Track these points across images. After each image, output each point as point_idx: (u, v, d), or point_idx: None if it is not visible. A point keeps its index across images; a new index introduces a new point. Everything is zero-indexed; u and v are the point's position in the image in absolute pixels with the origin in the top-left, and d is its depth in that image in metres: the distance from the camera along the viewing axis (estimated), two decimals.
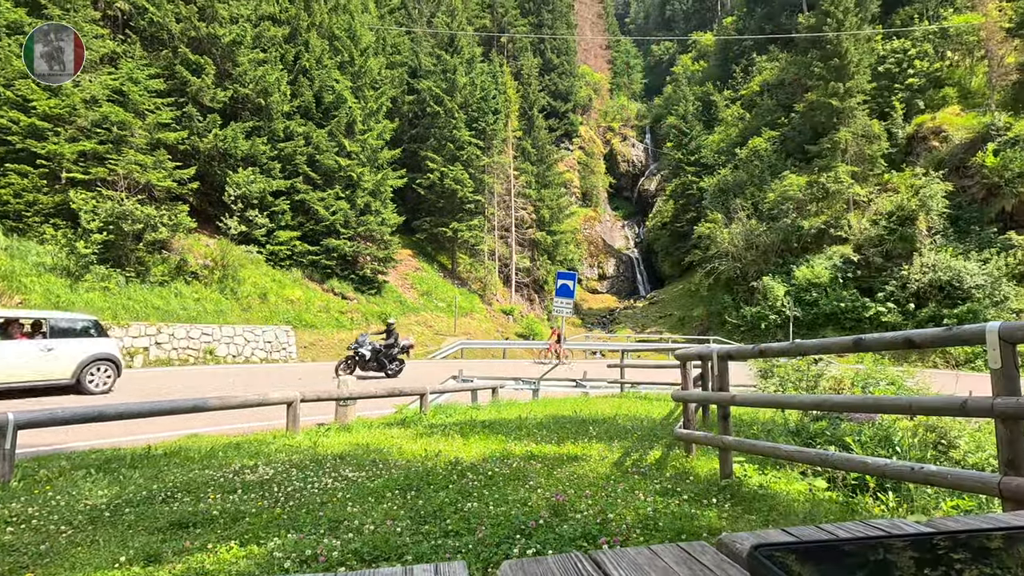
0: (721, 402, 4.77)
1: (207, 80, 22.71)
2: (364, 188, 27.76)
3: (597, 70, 71.46)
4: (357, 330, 24.41)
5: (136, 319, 17.05)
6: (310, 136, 26.09)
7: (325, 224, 26.17)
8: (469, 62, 37.77)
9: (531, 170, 43.20)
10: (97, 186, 18.58)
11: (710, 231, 36.28)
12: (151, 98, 20.26)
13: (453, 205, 34.79)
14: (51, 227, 17.63)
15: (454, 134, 34.57)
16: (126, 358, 16.08)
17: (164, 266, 19.81)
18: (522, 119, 45.66)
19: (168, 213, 19.37)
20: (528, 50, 52.16)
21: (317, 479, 4.83)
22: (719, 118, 48.37)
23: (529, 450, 6.09)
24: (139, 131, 19.50)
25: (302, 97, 26.57)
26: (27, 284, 15.70)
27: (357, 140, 27.98)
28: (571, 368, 18.17)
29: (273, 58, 25.58)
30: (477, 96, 36.83)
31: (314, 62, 27.29)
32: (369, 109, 29.49)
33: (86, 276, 17.04)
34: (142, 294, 18.33)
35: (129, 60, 20.40)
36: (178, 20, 22.45)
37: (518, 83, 48.10)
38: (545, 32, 55.06)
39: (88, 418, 5.65)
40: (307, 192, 25.74)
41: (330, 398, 8.58)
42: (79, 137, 18.59)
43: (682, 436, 5.38)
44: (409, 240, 35.01)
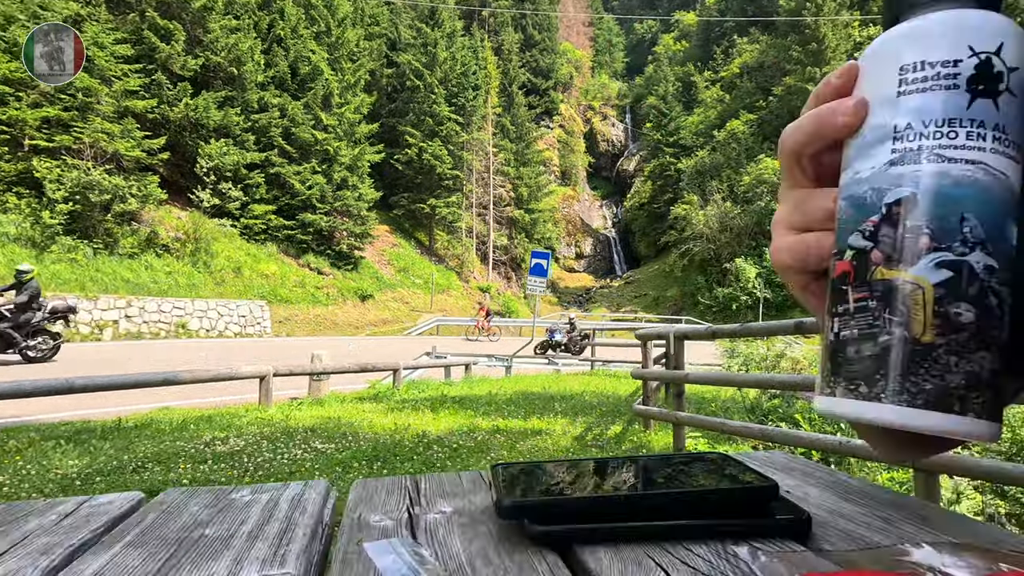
0: (675, 380, 5.02)
1: (177, 47, 22.03)
2: (341, 163, 27.41)
3: (579, 47, 70.86)
4: (333, 305, 24.36)
5: (105, 292, 16.77)
6: (285, 108, 25.58)
7: (301, 198, 25.84)
8: (450, 36, 37.17)
9: (510, 147, 43.00)
10: (62, 154, 18.04)
11: (686, 212, 36.73)
12: (118, 64, 19.62)
13: (431, 181, 34.56)
14: (14, 196, 17.13)
15: (433, 109, 34.17)
16: (95, 331, 15.88)
17: (134, 238, 19.44)
18: (502, 96, 45.24)
19: (137, 184, 18.95)
20: (509, 25, 51.47)
21: (287, 450, 4.97)
22: (699, 99, 48.55)
23: (495, 424, 6.30)
24: (106, 98, 18.92)
25: (277, 67, 25.95)
26: None
27: (334, 113, 27.51)
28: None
29: (246, 26, 24.85)
30: (457, 71, 36.35)
31: (289, 31, 26.61)
32: (347, 82, 28.95)
33: (52, 247, 16.66)
34: (111, 266, 18.00)
35: (94, 23, 19.65)
36: None
37: (498, 59, 47.52)
38: (527, 7, 54.28)
39: (56, 390, 5.68)
40: (282, 166, 25.32)
41: (303, 372, 8.67)
42: (42, 103, 17.97)
43: (640, 412, 5.63)
44: (386, 216, 34.76)
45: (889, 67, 0.32)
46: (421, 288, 31.04)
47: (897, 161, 0.31)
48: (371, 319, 25.69)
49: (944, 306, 0.29)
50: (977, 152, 0.30)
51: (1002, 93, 0.30)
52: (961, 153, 0.30)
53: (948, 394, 0.29)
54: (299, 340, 19.11)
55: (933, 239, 0.30)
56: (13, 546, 0.39)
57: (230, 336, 19.22)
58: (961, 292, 0.29)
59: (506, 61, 46.88)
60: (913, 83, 0.31)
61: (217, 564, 0.37)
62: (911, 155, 0.31)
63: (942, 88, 0.31)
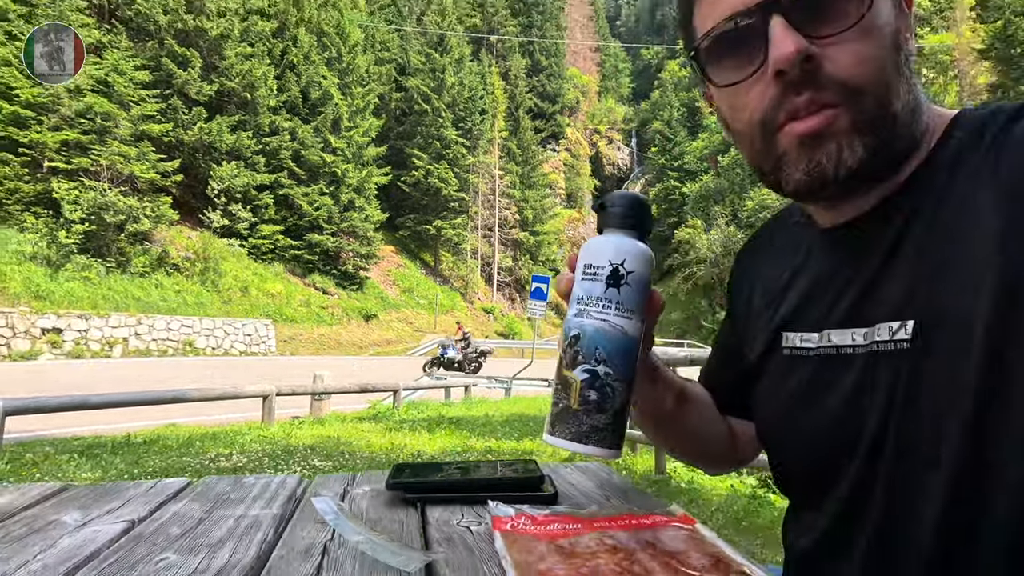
0: None
1: (193, 73, 22.83)
2: (348, 184, 28.04)
3: (586, 72, 72.09)
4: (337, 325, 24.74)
5: (116, 309, 17.23)
6: (296, 131, 26.31)
7: (308, 219, 26.42)
8: (458, 61, 38.12)
9: (516, 170, 43.69)
10: (79, 176, 18.68)
11: (690, 236, 37.10)
12: (136, 89, 20.37)
13: (437, 203, 35.16)
14: (32, 215, 17.71)
15: (440, 132, 34.93)
16: (105, 348, 16.30)
17: (145, 257, 19.97)
18: (508, 119, 46.10)
19: (151, 205, 19.54)
20: (517, 51, 52.57)
21: (287, 467, 5.26)
22: (704, 125, 49.25)
23: (488, 445, 6.57)
24: (123, 122, 19.62)
25: (289, 92, 26.76)
26: (6, 272, 15.82)
27: (343, 136, 28.23)
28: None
29: (260, 52, 25.73)
30: (464, 96, 37.21)
31: (302, 57, 27.48)
32: (356, 106, 29.74)
33: (66, 265, 17.19)
34: (123, 285, 18.49)
35: (115, 51, 20.47)
36: (165, 12, 22.54)
37: (506, 83, 48.51)
38: (535, 33, 55.50)
39: (72, 406, 6.02)
40: (291, 187, 25.96)
41: (305, 392, 8.98)
42: (62, 126, 18.66)
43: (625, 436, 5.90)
44: (392, 237, 35.31)
45: (581, 261, 0.60)
46: (425, 308, 31.40)
47: (578, 314, 0.58)
48: (375, 339, 26.03)
49: (584, 391, 0.55)
50: (607, 315, 0.56)
51: (623, 285, 0.57)
52: (601, 315, 0.56)
53: (583, 434, 0.55)
54: (303, 359, 19.44)
55: (583, 358, 0.56)
56: (129, 501, 0.72)
57: (235, 354, 19.59)
58: (593, 384, 0.55)
59: (513, 86, 47.85)
60: (586, 273, 0.58)
61: (238, 508, 0.68)
62: (580, 312, 0.58)
63: (595, 279, 0.58)
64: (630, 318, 0.57)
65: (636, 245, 0.58)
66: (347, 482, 0.81)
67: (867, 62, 0.54)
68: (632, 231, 0.60)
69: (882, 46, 0.54)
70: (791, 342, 0.67)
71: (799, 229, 0.72)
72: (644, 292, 0.58)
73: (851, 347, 0.60)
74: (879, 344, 0.57)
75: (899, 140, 0.57)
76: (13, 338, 14.58)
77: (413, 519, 0.64)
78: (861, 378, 0.59)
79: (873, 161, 0.55)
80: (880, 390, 0.57)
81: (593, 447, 0.55)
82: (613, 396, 0.56)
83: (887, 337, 0.57)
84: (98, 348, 16.14)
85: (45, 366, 13.85)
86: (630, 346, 0.57)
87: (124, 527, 0.61)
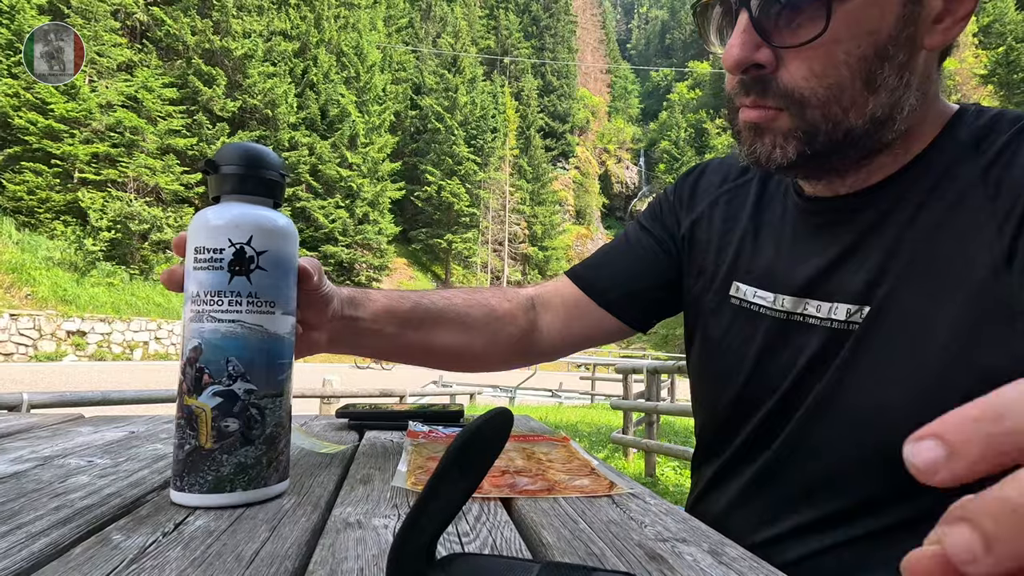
0: (647, 410, 5.40)
1: (218, 90, 23.44)
2: (363, 198, 28.47)
3: (596, 93, 72.75)
4: None
5: (138, 314, 17.59)
6: (314, 147, 26.83)
7: (324, 231, 26.82)
8: (471, 82, 38.71)
9: (526, 187, 44.05)
10: (107, 187, 19.20)
11: None
12: (164, 105, 20.97)
13: (449, 217, 35.53)
14: (61, 223, 18.22)
15: (453, 150, 35.39)
16: (126, 351, 16.62)
17: (167, 265, 20.32)
18: (520, 138, 46.58)
19: (174, 215, 20.00)
20: (529, 72, 53.25)
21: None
22: (710, 145, 49.42)
23: None
24: (150, 136, 20.17)
25: (308, 109, 27.34)
26: (36, 277, 16.25)
27: (359, 152, 28.72)
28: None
29: (282, 71, 26.36)
30: (477, 115, 37.72)
31: (321, 76, 28.10)
32: (372, 123, 30.27)
33: (92, 271, 17.61)
34: (145, 291, 18.88)
35: (145, 69, 21.12)
36: (193, 33, 23.22)
37: (518, 103, 49.08)
38: (547, 55, 56.23)
39: (93, 401, 6.21)
40: (308, 200, 26.42)
41: (313, 395, 9.13)
42: (93, 140, 19.23)
43: (616, 440, 6.00)
44: (405, 249, 35.67)
45: (191, 244, 0.45)
46: None
47: (195, 317, 0.43)
48: None
49: (217, 422, 0.42)
50: (236, 313, 0.43)
51: (254, 270, 0.43)
52: (226, 315, 0.43)
53: (226, 479, 0.42)
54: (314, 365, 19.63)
55: (211, 376, 0.42)
56: (132, 422, 0.87)
57: None
58: (230, 411, 0.42)
59: (525, 105, 48.41)
60: (199, 261, 0.44)
61: None
62: (199, 315, 0.43)
63: (213, 268, 0.43)
64: (271, 311, 0.45)
65: (266, 215, 0.46)
66: (308, 419, 0.96)
67: (818, 78, 0.53)
68: (258, 197, 0.47)
69: (840, 63, 0.53)
70: (742, 293, 0.68)
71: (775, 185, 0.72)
72: (287, 275, 0.47)
73: (807, 315, 0.61)
74: (834, 321, 0.59)
75: (853, 144, 0.56)
76: (40, 339, 14.94)
77: (352, 436, 0.80)
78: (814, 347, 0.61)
79: (808, 162, 0.56)
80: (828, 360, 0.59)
81: (245, 491, 0.43)
82: (263, 420, 0.44)
83: (843, 317, 0.59)
84: (120, 351, 16.47)
85: (69, 367, 14.16)
86: (277, 348, 0.45)
87: (126, 434, 0.77)
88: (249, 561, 0.35)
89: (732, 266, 0.71)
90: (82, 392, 6.41)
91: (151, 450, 0.67)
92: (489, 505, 0.48)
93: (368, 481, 0.55)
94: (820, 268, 0.61)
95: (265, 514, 0.43)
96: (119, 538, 0.38)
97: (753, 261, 0.69)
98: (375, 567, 0.34)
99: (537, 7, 57.27)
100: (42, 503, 0.45)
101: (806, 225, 0.65)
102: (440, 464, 0.25)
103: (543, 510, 0.48)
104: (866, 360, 0.57)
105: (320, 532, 0.40)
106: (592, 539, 0.41)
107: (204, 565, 0.34)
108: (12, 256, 16.32)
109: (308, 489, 0.51)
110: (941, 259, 0.54)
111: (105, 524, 0.40)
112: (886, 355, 0.56)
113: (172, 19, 22.65)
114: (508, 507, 0.49)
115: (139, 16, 22.68)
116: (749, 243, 0.70)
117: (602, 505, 0.49)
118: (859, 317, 0.57)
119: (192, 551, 0.36)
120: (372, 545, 0.38)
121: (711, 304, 0.72)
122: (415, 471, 0.55)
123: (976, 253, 0.52)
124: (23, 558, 0.34)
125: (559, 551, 0.38)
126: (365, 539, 0.39)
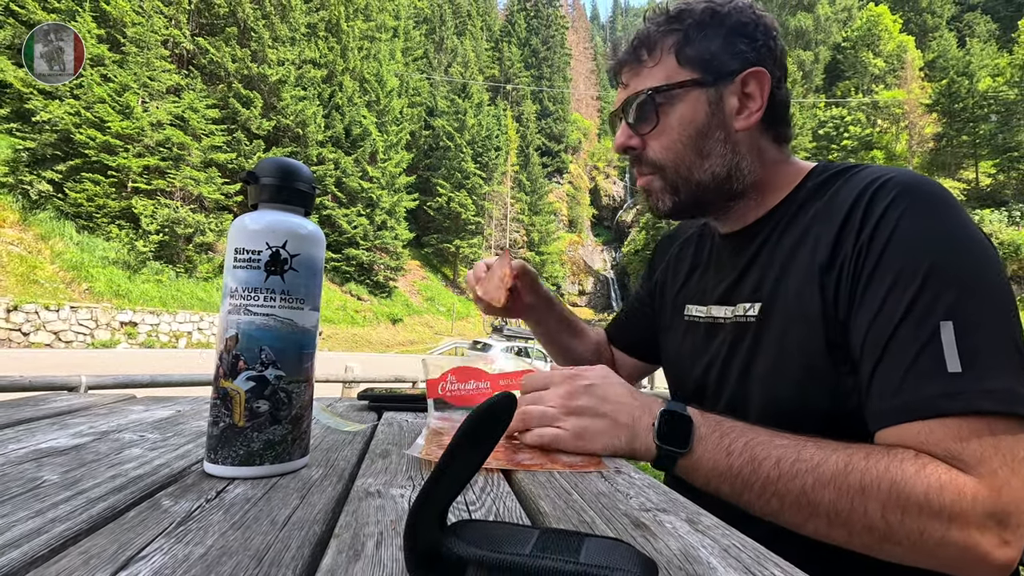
0: None
1: (255, 111, 23.40)
2: (382, 208, 28.42)
3: (587, 117, 72.65)
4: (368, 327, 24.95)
5: (183, 308, 17.57)
6: (339, 162, 26.78)
7: (347, 236, 26.78)
8: (478, 106, 38.65)
9: (525, 199, 44.00)
10: (157, 195, 19.16)
11: None
12: (207, 124, 20.92)
13: (457, 225, 35.50)
14: (116, 227, 18.18)
15: (461, 165, 35.35)
16: (172, 340, 16.60)
17: (209, 264, 20.36)
18: (520, 156, 46.53)
19: (215, 220, 19.96)
20: (529, 98, 53.17)
21: None
22: None
23: None
24: (195, 151, 20.13)
25: (334, 129, 27.29)
26: (93, 274, 16.23)
27: (379, 167, 28.68)
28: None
29: (311, 95, 26.31)
30: (483, 135, 37.68)
31: (346, 100, 28.05)
32: (390, 141, 30.22)
33: (143, 270, 17.59)
34: (189, 287, 18.86)
35: (191, 92, 21.07)
36: (234, 60, 23.17)
37: (518, 125, 49.02)
38: (544, 84, 56.15)
39: (143, 384, 6.20)
40: (333, 209, 26.38)
41: (337, 380, 9.12)
42: (145, 154, 19.18)
43: None
44: (418, 253, 35.64)
45: (232, 245, 0.44)
46: (444, 315, 31.58)
47: (233, 310, 0.43)
48: (400, 339, 26.21)
49: (250, 404, 0.42)
50: (270, 308, 0.43)
51: (287, 271, 0.43)
52: (261, 309, 0.43)
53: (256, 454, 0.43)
54: (338, 354, 19.61)
55: (245, 363, 0.42)
56: (178, 402, 0.86)
57: None
58: (262, 394, 0.43)
59: (525, 127, 48.34)
60: (239, 260, 0.43)
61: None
62: (236, 308, 0.43)
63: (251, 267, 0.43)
64: (301, 307, 0.45)
65: (298, 222, 0.46)
66: (333, 401, 0.96)
67: (666, 151, 0.71)
68: (292, 206, 0.46)
69: (678, 140, 0.70)
70: (689, 311, 0.82)
71: (708, 231, 0.87)
72: (315, 276, 0.47)
73: (723, 318, 0.74)
74: (738, 317, 0.71)
75: (708, 192, 0.71)
76: (96, 329, 14.93)
77: (372, 416, 0.79)
78: (727, 339, 0.72)
79: (684, 208, 0.73)
80: (737, 348, 0.70)
81: (272, 465, 0.44)
82: (289, 402, 0.44)
83: (743, 313, 0.70)
84: (167, 340, 16.46)
85: (122, 353, 14.16)
86: (304, 339, 0.45)
87: (173, 412, 0.77)
88: (283, 525, 0.35)
89: (683, 293, 0.86)
90: (134, 375, 6.40)
91: (195, 427, 0.67)
92: (493, 478, 0.49)
93: (386, 455, 0.55)
94: (729, 282, 0.74)
95: (296, 484, 0.44)
96: (168, 503, 0.38)
97: (696, 286, 0.84)
98: (393, 531, 0.35)
99: (536, 41, 57.21)
100: (100, 472, 0.45)
101: (721, 255, 0.80)
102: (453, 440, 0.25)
103: (540, 482, 0.48)
104: (766, 341, 0.66)
105: (344, 500, 0.41)
106: (584, 509, 0.41)
107: (243, 527, 0.34)
108: (73, 255, 16.30)
109: (333, 462, 0.51)
110: (796, 270, 0.65)
111: (156, 491, 0.41)
112: (777, 336, 0.65)
113: (215, 48, 22.60)
114: (509, 479, 0.49)
115: (186, 45, 22.63)
116: (696, 274, 0.86)
117: (592, 479, 0.50)
118: (754, 312, 0.68)
119: (232, 515, 0.36)
120: (390, 512, 0.38)
121: (672, 323, 0.87)
122: (430, 444, 0.56)
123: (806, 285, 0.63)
124: (84, 520, 0.35)
125: (555, 519, 0.39)
126: (384, 507, 0.39)
